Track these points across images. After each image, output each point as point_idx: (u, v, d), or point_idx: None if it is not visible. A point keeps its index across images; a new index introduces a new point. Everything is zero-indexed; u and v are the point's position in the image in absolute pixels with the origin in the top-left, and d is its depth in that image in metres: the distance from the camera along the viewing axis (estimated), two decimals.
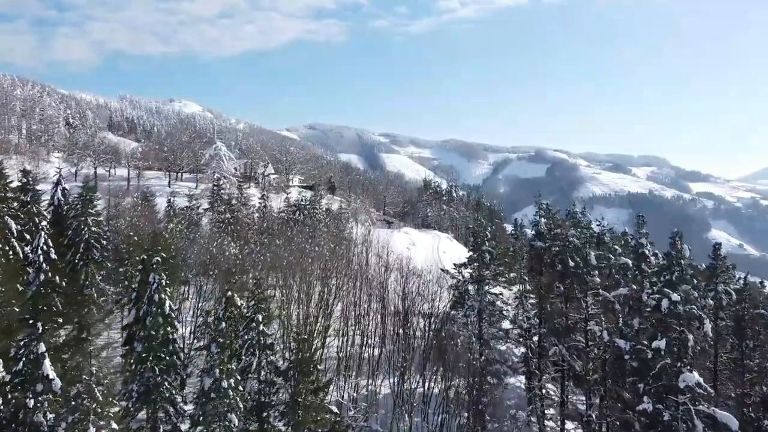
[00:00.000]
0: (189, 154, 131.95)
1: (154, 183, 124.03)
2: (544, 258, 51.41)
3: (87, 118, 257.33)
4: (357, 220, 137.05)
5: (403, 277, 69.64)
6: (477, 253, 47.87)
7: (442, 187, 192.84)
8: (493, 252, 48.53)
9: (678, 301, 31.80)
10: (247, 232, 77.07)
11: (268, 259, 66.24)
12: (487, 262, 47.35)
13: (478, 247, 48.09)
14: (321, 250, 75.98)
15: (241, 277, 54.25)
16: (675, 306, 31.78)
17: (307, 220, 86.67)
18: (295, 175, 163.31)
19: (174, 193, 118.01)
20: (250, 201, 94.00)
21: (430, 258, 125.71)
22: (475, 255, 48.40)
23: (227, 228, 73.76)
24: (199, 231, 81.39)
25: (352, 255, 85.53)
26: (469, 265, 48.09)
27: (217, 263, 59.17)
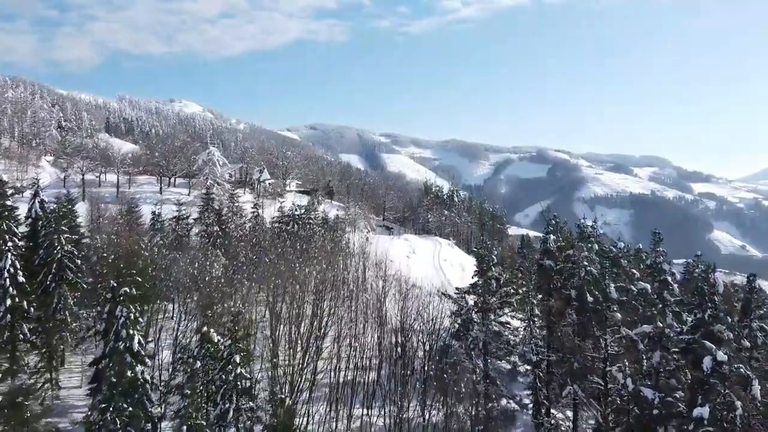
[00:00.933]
0: (182, 159, 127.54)
1: (146, 189, 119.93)
2: (554, 279, 47.36)
3: (83, 120, 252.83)
4: (355, 227, 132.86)
5: (401, 294, 65.31)
6: (482, 279, 43.27)
7: (443, 191, 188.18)
8: (501, 278, 43.93)
9: (724, 360, 27.46)
10: (237, 245, 72.92)
11: (255, 276, 61.94)
12: (494, 289, 42.78)
13: (483, 273, 43.50)
14: (314, 265, 71.84)
15: (222, 305, 49.98)
16: (720, 366, 27.45)
17: (301, 231, 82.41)
18: (293, 180, 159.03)
19: (165, 201, 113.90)
20: (243, 210, 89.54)
21: (431, 266, 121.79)
22: (480, 281, 43.84)
23: (215, 241, 69.54)
24: (187, 244, 77.19)
25: (348, 269, 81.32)
26: (474, 292, 43.51)
27: (199, 286, 54.84)
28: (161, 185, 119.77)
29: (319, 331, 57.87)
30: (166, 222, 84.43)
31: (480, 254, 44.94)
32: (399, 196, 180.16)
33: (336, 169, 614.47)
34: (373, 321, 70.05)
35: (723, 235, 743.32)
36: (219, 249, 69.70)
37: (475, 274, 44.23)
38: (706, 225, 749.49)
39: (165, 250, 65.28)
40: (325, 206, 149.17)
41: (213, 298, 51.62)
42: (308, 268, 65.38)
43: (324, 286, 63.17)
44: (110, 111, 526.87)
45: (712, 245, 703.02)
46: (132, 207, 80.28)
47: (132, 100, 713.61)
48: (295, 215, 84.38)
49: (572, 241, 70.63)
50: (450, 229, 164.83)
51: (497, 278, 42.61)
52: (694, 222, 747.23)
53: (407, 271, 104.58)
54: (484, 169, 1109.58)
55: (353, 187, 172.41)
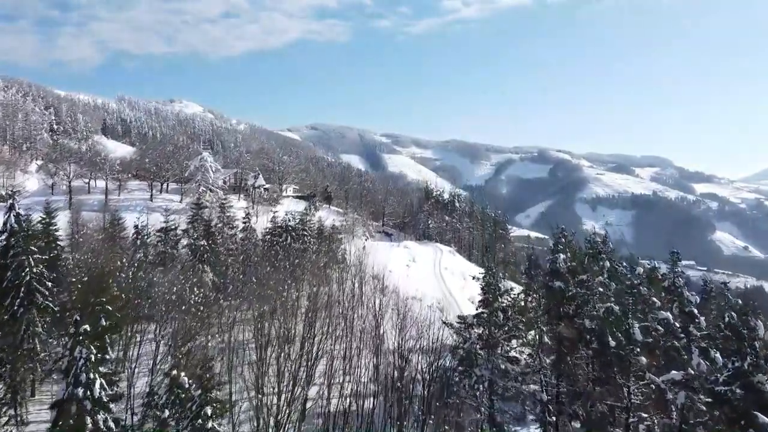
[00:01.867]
0: (174, 164, 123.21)
1: (136, 196, 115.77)
2: (564, 303, 43.22)
3: (78, 122, 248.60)
4: (353, 234, 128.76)
5: (399, 315, 61.28)
6: (489, 311, 38.92)
7: (444, 196, 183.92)
8: (509, 310, 39.48)
9: None
10: (225, 260, 68.92)
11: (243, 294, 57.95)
12: (501, 322, 38.35)
13: (489, 304, 39.11)
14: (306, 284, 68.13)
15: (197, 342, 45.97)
16: None
17: (295, 244, 78.20)
18: (290, 185, 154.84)
19: (155, 208, 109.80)
20: (234, 221, 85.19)
21: (431, 275, 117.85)
22: (486, 313, 39.47)
23: (202, 256, 65.48)
24: (174, 258, 73.16)
25: (343, 283, 77.21)
26: (479, 323, 39.07)
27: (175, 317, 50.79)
28: (152, 192, 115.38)
29: (309, 356, 53.90)
30: (153, 234, 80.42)
31: (487, 282, 40.60)
32: (399, 201, 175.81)
33: (336, 170, 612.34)
34: (369, 342, 66.18)
35: (725, 236, 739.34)
36: (206, 264, 65.65)
37: (480, 304, 39.78)
38: (709, 226, 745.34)
39: (147, 267, 61.35)
40: (323, 212, 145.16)
41: (191, 330, 47.62)
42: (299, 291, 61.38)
43: (316, 307, 59.22)
44: (109, 112, 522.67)
45: (714, 246, 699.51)
46: (115, 219, 76.07)
47: (131, 100, 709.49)
48: (288, 227, 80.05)
49: (581, 256, 66.50)
50: (451, 235, 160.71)
51: (504, 309, 38.31)
52: (696, 223, 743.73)
53: (406, 282, 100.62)
54: (485, 169, 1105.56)
55: (352, 192, 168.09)
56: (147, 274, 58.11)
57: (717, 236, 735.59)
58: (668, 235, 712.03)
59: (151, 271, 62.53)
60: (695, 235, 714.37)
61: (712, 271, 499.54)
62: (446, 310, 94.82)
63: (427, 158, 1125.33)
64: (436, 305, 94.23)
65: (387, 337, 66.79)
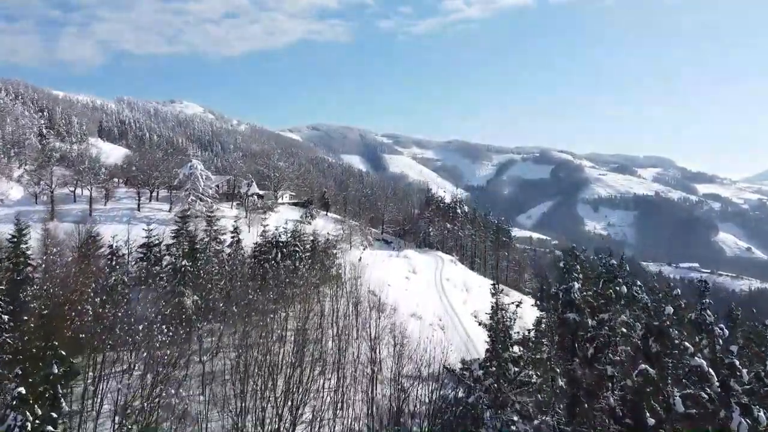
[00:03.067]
0: (164, 171, 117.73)
1: (123, 205, 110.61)
2: (580, 340, 38.12)
3: (72, 125, 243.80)
4: (351, 243, 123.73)
5: (397, 344, 56.30)
6: (497, 362, 33.40)
7: (446, 199, 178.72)
8: (521, 361, 33.91)
9: None
10: (209, 280, 63.84)
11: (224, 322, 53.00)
12: (511, 376, 32.92)
13: (498, 354, 33.51)
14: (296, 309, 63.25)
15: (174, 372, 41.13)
16: None
17: (286, 260, 73.07)
18: (286, 191, 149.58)
19: (142, 219, 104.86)
20: (221, 236, 79.99)
21: (432, 287, 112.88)
22: (493, 366, 33.98)
23: (183, 278, 60.46)
24: (156, 275, 68.18)
25: (338, 301, 72.36)
26: (486, 377, 33.58)
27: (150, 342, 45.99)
28: (139, 201, 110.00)
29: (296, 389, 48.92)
30: (134, 250, 75.46)
31: (494, 327, 35.35)
32: (399, 208, 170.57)
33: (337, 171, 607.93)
34: (365, 371, 61.24)
35: (728, 237, 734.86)
36: (187, 286, 60.63)
37: (488, 353, 34.35)
38: (711, 227, 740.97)
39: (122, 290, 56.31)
40: (320, 220, 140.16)
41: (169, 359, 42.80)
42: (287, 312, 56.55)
43: (305, 337, 54.36)
44: (107, 113, 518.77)
45: (717, 247, 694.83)
46: (91, 235, 70.85)
47: (130, 101, 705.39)
48: (278, 242, 74.77)
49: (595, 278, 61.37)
50: (453, 242, 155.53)
51: (516, 360, 33.09)
52: (698, 224, 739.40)
53: (406, 297, 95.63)
54: (487, 169, 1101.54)
55: (351, 198, 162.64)
56: (120, 300, 53.13)
57: (720, 237, 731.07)
58: (671, 236, 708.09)
59: (127, 294, 57.64)
60: (698, 236, 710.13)
61: (715, 274, 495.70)
62: (448, 328, 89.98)
63: (429, 159, 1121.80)
64: (437, 323, 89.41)
65: (384, 365, 62.00)
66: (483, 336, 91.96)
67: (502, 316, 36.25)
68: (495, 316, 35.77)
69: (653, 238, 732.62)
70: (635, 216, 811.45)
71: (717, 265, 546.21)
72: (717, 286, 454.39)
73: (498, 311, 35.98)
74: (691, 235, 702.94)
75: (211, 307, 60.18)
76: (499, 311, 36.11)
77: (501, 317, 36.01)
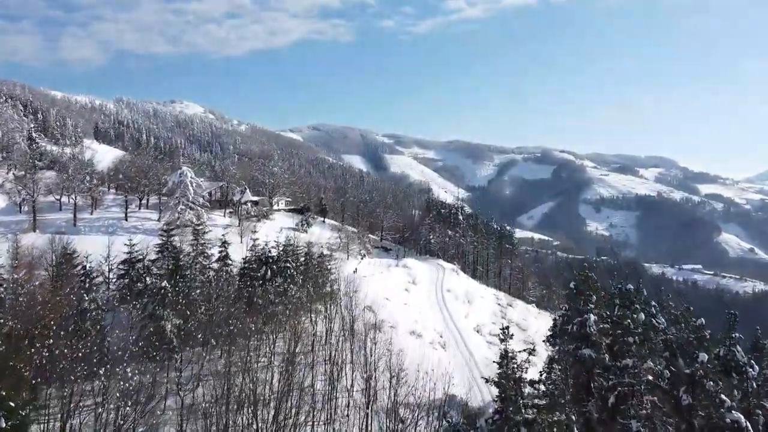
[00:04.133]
0: (153, 178, 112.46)
1: (111, 215, 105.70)
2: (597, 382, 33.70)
3: (67, 127, 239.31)
4: (348, 252, 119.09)
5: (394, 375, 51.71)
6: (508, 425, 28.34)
7: (447, 201, 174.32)
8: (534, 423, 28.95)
9: None
10: (195, 299, 59.28)
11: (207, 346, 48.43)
12: None
13: (509, 418, 28.30)
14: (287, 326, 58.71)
15: None
16: None
17: (276, 278, 68.29)
18: (282, 198, 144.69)
19: (129, 229, 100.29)
20: (210, 247, 75.00)
21: (433, 299, 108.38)
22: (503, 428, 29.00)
23: (163, 300, 55.81)
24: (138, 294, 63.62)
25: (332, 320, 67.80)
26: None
27: None
28: (126, 210, 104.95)
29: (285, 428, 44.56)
30: (116, 267, 70.77)
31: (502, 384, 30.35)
32: (399, 214, 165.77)
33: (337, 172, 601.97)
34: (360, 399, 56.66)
35: (731, 238, 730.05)
36: (167, 309, 56.01)
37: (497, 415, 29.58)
38: (714, 227, 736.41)
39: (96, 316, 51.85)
40: (317, 227, 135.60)
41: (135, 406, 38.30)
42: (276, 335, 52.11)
43: (293, 367, 49.87)
44: (106, 114, 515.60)
45: (719, 248, 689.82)
46: (68, 252, 65.95)
47: (129, 102, 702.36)
48: (268, 258, 69.83)
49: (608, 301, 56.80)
50: (454, 250, 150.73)
51: (530, 422, 28.24)
52: (701, 224, 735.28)
53: (405, 313, 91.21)
54: (488, 170, 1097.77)
55: (349, 205, 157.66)
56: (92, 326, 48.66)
57: (723, 238, 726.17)
58: (673, 237, 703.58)
59: (101, 320, 53.27)
60: (700, 236, 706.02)
61: (719, 276, 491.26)
62: (449, 346, 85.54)
63: (430, 159, 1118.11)
64: (438, 340, 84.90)
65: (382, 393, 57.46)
66: (485, 352, 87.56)
67: (512, 369, 31.25)
68: (503, 367, 30.90)
69: (655, 238, 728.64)
70: (637, 217, 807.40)
71: (720, 267, 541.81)
72: (721, 289, 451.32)
73: (506, 362, 31.02)
74: (693, 236, 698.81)
75: (193, 333, 55.56)
76: (508, 362, 31.13)
77: (510, 371, 31.05)
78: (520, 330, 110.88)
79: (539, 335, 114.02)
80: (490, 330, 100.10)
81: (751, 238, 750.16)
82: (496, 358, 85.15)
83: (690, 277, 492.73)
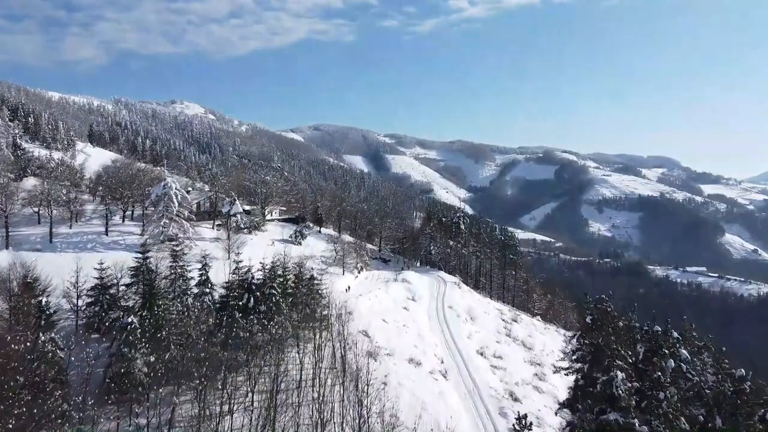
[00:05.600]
0: (137, 190, 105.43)
1: (91, 228, 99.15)
2: None
3: (59, 131, 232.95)
4: (344, 266, 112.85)
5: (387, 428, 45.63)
6: None
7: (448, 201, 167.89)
8: None
9: None
10: (168, 332, 53.09)
11: None
12: None
13: None
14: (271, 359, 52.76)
15: None
16: None
17: (260, 306, 61.78)
18: (275, 207, 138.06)
19: (110, 245, 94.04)
20: (187, 272, 68.21)
21: (434, 318, 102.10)
22: None
23: (128, 337, 49.41)
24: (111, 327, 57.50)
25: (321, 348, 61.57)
26: None
27: None
28: (107, 224, 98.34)
29: None
30: (84, 294, 64.37)
31: None
32: (398, 223, 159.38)
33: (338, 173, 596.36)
34: None
35: (734, 239, 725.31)
36: (135, 348, 49.78)
37: None
38: (717, 228, 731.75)
39: (53, 356, 45.77)
40: (312, 238, 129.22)
41: None
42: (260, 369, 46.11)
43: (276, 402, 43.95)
44: (104, 115, 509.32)
45: (723, 249, 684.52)
46: (29, 278, 59.31)
47: (128, 102, 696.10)
48: (251, 285, 63.19)
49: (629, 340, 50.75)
50: (456, 261, 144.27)
51: None
52: (704, 225, 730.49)
53: (403, 336, 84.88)
54: (490, 170, 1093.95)
55: (346, 213, 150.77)
56: (48, 368, 42.58)
57: (726, 239, 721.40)
58: (676, 237, 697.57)
59: (60, 361, 47.32)
60: (704, 237, 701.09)
61: (723, 278, 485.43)
62: (451, 373, 79.19)
63: (431, 159, 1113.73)
64: (438, 368, 78.47)
65: None
66: (489, 379, 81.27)
67: None
68: None
69: (658, 239, 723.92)
70: (640, 217, 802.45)
71: (724, 268, 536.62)
72: (725, 291, 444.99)
73: None
74: (696, 237, 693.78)
75: (165, 373, 49.42)
76: None
77: None
78: (525, 349, 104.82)
79: (546, 354, 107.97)
80: (494, 351, 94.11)
81: (755, 239, 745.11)
82: (500, 386, 78.93)
83: (694, 279, 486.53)
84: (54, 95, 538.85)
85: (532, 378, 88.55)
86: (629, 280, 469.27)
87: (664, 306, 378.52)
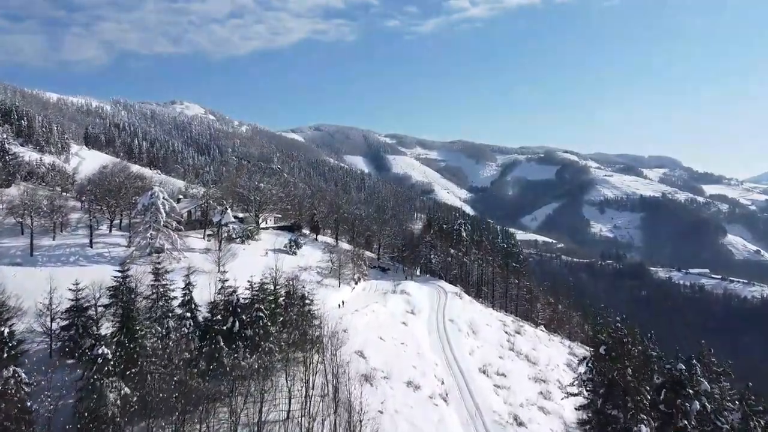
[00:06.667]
0: (124, 199, 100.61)
1: (74, 241, 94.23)
2: None
3: (52, 134, 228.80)
4: (341, 278, 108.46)
5: None
6: None
7: (449, 202, 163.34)
8: None
9: None
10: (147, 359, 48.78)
11: None
12: None
13: None
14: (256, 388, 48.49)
15: None
16: None
17: (246, 331, 57.18)
18: (271, 214, 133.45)
19: (94, 258, 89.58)
20: (172, 290, 63.47)
21: (435, 333, 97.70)
22: None
23: (102, 368, 45.05)
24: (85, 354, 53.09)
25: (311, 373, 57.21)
26: None
27: None
28: (92, 235, 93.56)
29: None
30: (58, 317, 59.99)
31: None
32: (398, 231, 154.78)
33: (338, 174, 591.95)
34: None
35: (736, 240, 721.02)
36: (110, 378, 45.46)
37: None
38: (719, 229, 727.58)
39: (16, 391, 41.53)
40: (308, 247, 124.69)
41: None
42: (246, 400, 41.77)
43: None
44: (102, 117, 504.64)
45: (725, 250, 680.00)
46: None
47: (127, 103, 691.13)
48: (236, 308, 58.47)
49: (646, 372, 46.47)
50: (457, 270, 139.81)
51: None
52: (706, 226, 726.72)
53: (402, 356, 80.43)
54: (491, 170, 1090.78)
55: (344, 220, 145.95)
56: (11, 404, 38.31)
57: (728, 240, 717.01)
58: (678, 238, 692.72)
59: (25, 396, 43.10)
60: (706, 238, 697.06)
61: (726, 280, 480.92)
62: (452, 396, 74.72)
63: (432, 159, 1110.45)
64: (438, 391, 73.97)
65: None
66: (492, 401, 76.89)
67: None
68: None
69: (660, 240, 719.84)
70: (642, 218, 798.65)
71: (726, 269, 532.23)
72: (728, 294, 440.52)
73: None
74: (698, 238, 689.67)
75: (140, 406, 45.16)
76: None
77: None
78: (529, 364, 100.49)
79: (551, 368, 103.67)
80: (497, 368, 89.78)
81: (757, 240, 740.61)
82: (504, 409, 74.26)
83: (697, 281, 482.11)
84: (52, 96, 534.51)
85: (537, 398, 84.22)
86: (631, 283, 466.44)
87: (667, 309, 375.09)
